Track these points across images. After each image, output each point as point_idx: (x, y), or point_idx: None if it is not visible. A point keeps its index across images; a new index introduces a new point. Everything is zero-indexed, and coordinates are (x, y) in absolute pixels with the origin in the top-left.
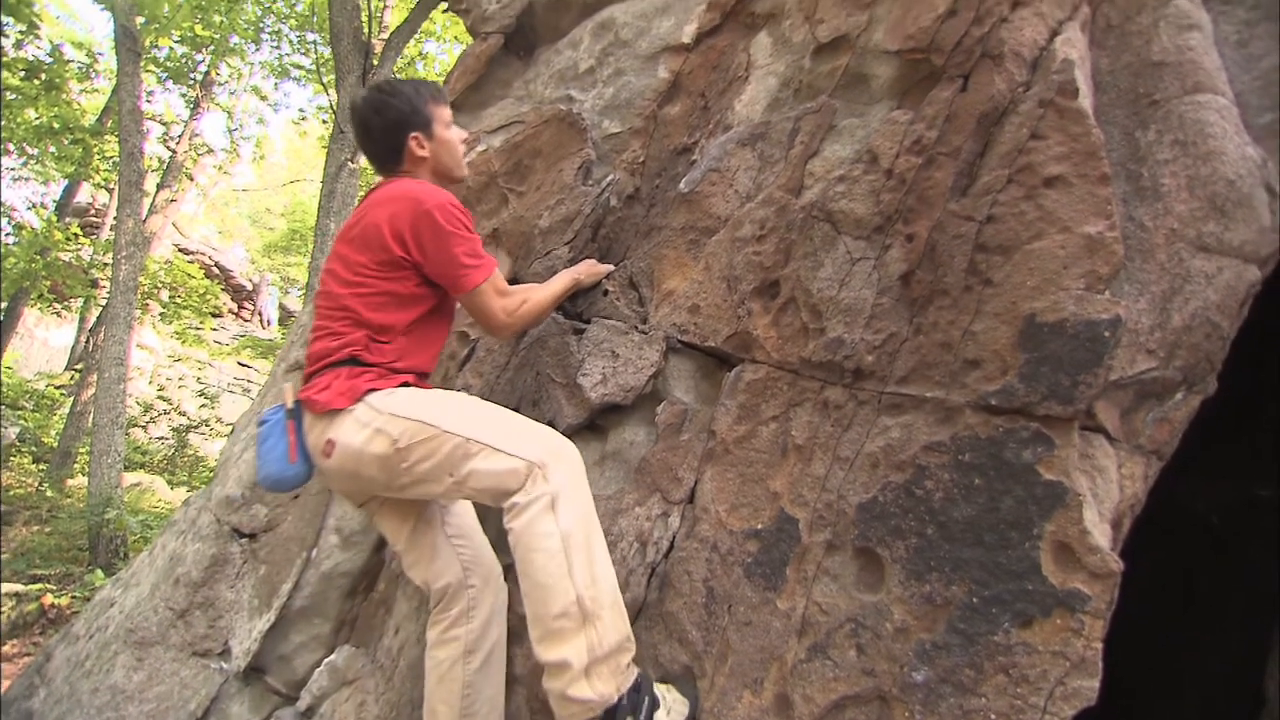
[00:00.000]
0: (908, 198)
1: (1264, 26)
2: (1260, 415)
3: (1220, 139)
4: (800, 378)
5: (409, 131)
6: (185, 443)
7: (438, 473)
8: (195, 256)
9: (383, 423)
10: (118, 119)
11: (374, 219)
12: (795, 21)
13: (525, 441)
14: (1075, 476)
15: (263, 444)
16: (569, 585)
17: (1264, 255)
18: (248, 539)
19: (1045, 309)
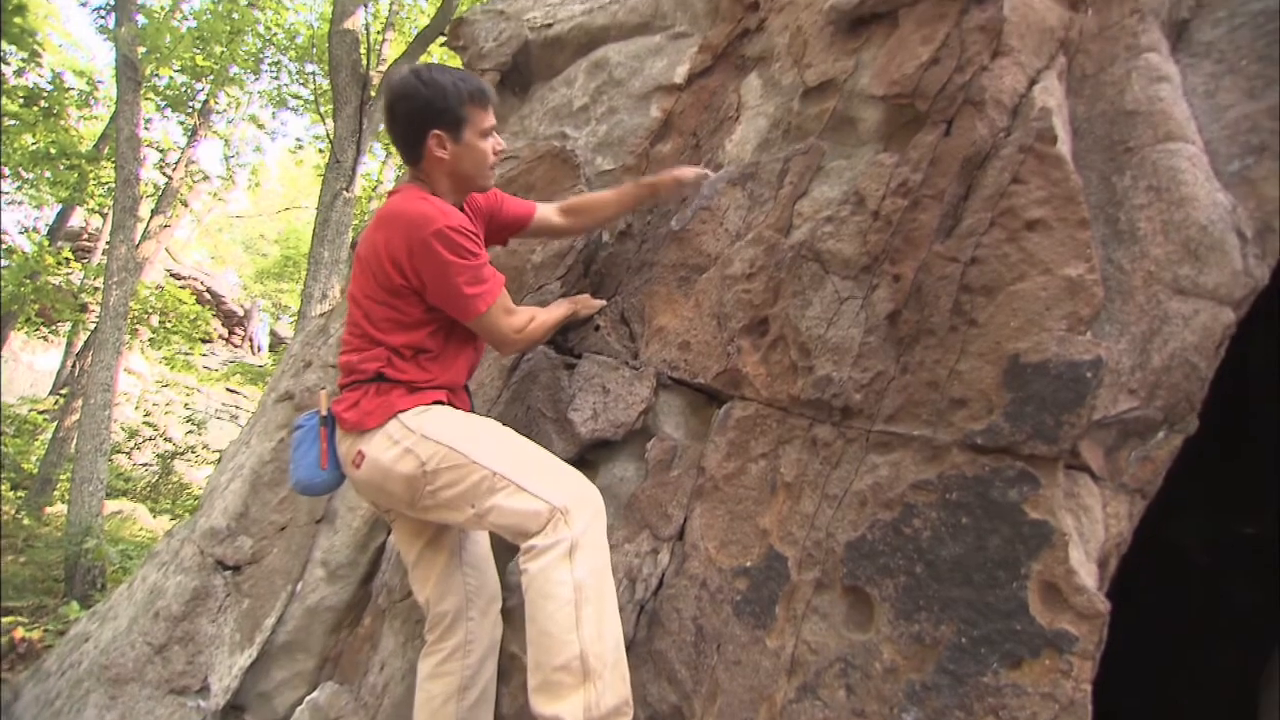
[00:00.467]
0: (894, 239)
1: (1229, 79)
2: (1242, 453)
3: (1192, 185)
4: (789, 415)
5: (431, 128)
6: (170, 470)
7: (460, 502)
8: (187, 282)
9: (413, 443)
10: (115, 145)
11: (376, 242)
12: (785, 65)
13: (552, 484)
14: (1061, 515)
15: (296, 449)
16: (575, 638)
17: (1237, 298)
18: (231, 571)
19: (1029, 349)
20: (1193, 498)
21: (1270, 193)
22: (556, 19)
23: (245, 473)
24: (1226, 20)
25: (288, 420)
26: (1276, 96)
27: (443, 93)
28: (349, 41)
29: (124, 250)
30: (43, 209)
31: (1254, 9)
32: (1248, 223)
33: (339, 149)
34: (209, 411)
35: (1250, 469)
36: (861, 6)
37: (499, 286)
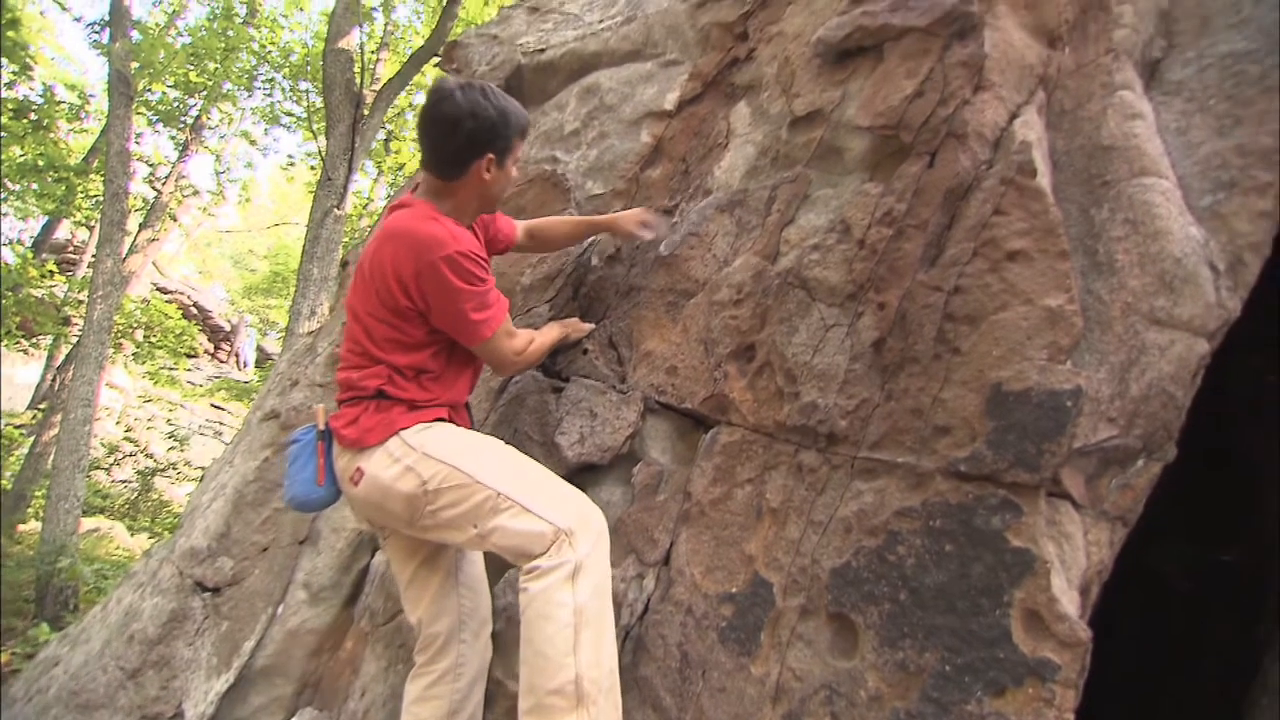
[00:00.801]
0: (879, 267)
1: (1199, 117)
2: (1220, 481)
3: (1166, 219)
4: (775, 441)
5: (488, 150)
6: (150, 486)
7: (462, 522)
8: (174, 296)
9: (414, 461)
10: (104, 159)
11: (381, 259)
12: (773, 94)
13: (556, 505)
14: (1043, 543)
15: (292, 464)
16: (571, 662)
17: (1211, 329)
18: (211, 593)
19: (1011, 378)
20: (1172, 525)
21: (1241, 227)
22: (549, 44)
23: (228, 492)
24: (1195, 61)
25: (273, 439)
26: (1244, 135)
27: (506, 119)
28: (343, 60)
29: (110, 264)
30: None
31: (1220, 51)
32: (1219, 256)
33: (331, 166)
34: (192, 427)
35: (1227, 497)
36: (848, 40)
37: (503, 311)
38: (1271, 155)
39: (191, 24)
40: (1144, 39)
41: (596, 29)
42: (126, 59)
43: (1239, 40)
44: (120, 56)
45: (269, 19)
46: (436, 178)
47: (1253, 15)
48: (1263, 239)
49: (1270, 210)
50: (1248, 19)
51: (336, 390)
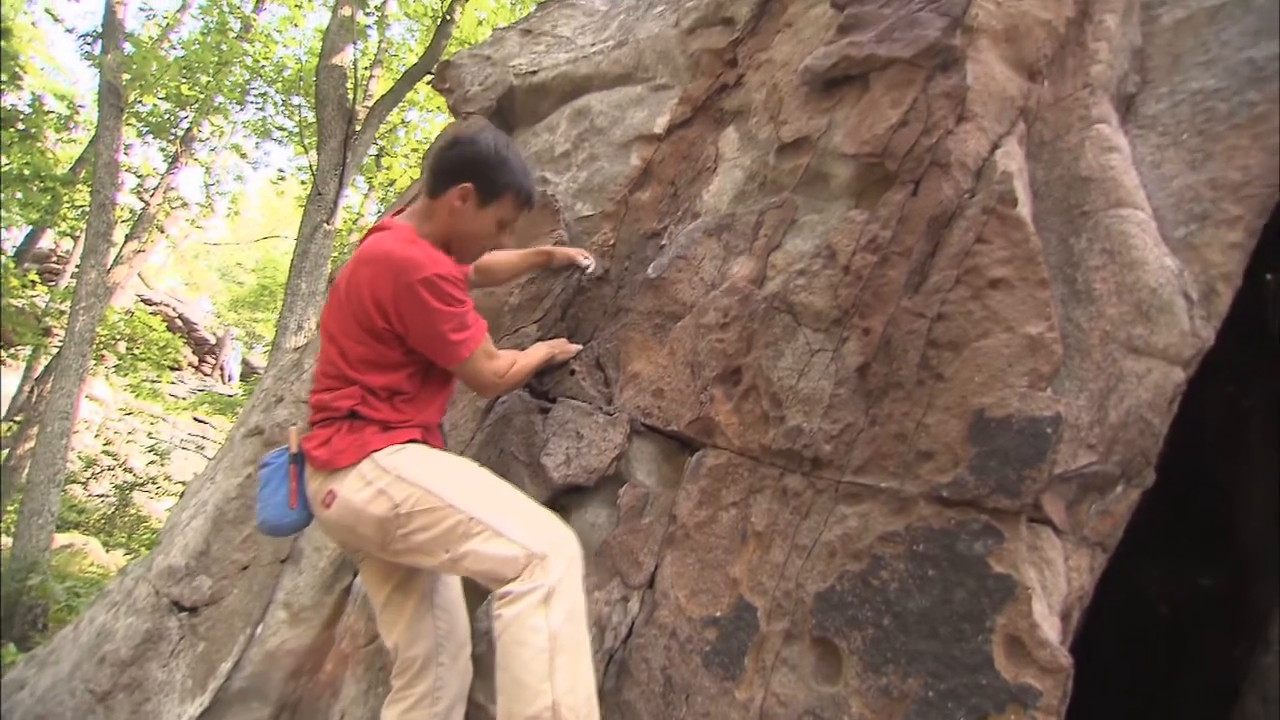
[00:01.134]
0: (864, 293)
1: (1172, 150)
2: (1199, 505)
3: (1142, 250)
4: (760, 465)
5: (470, 180)
6: (128, 501)
7: (434, 546)
8: (158, 308)
9: (387, 484)
10: (92, 169)
11: (358, 281)
12: (761, 119)
13: (530, 529)
14: (1024, 569)
15: (263, 488)
16: (548, 688)
17: (1186, 358)
18: (188, 613)
19: (993, 404)
20: (1153, 550)
21: (1213, 258)
22: (541, 66)
23: (209, 509)
24: (1168, 96)
25: (256, 456)
26: (1214, 169)
27: (503, 165)
28: (336, 76)
29: (94, 275)
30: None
31: (1191, 88)
32: (1193, 286)
33: (321, 181)
34: (174, 441)
35: (1206, 521)
36: (834, 69)
37: (482, 332)
38: (1240, 189)
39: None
40: (1119, 74)
41: (588, 52)
42: (118, 70)
43: (1208, 78)
44: (112, 68)
45: (263, 34)
46: (425, 196)
47: (1220, 55)
48: (1234, 270)
49: (1240, 242)
50: (1216, 58)
51: (310, 412)
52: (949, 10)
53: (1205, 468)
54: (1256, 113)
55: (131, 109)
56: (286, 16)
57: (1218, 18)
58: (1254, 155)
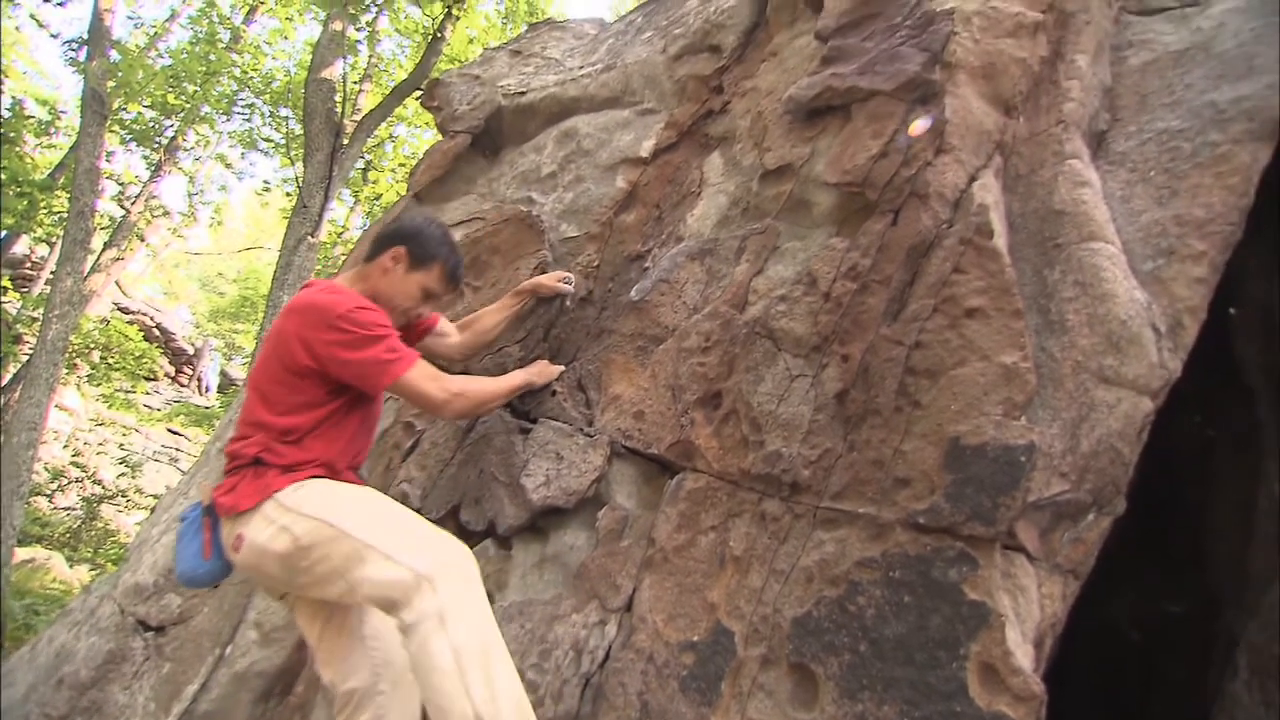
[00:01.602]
0: (843, 320)
1: (1141, 187)
2: (1169, 533)
3: (1112, 283)
4: (739, 489)
5: (403, 245)
6: (95, 514)
7: (334, 576)
8: (136, 317)
9: (289, 521)
10: (71, 175)
11: (285, 328)
12: (746, 146)
13: (417, 551)
14: (999, 596)
15: (180, 541)
16: (467, 704)
17: (1155, 388)
18: (154, 632)
19: (968, 432)
20: (1125, 578)
21: (1180, 291)
22: (530, 87)
23: None
24: (1136, 135)
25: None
26: (1180, 205)
27: (441, 240)
28: (325, 90)
29: (70, 283)
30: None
31: (1158, 127)
32: (1161, 318)
33: (307, 194)
34: (146, 453)
35: (1176, 549)
36: (818, 99)
37: (414, 357)
38: (1205, 226)
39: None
40: (1090, 112)
41: (577, 75)
42: (103, 77)
43: (1173, 119)
44: (96, 74)
45: (252, 45)
46: (362, 262)
47: (1184, 97)
48: (1199, 303)
49: (1204, 277)
50: (1180, 100)
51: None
52: (929, 46)
53: (1175, 496)
54: (1218, 153)
55: (115, 116)
56: (277, 29)
57: (1182, 61)
58: (1216, 194)
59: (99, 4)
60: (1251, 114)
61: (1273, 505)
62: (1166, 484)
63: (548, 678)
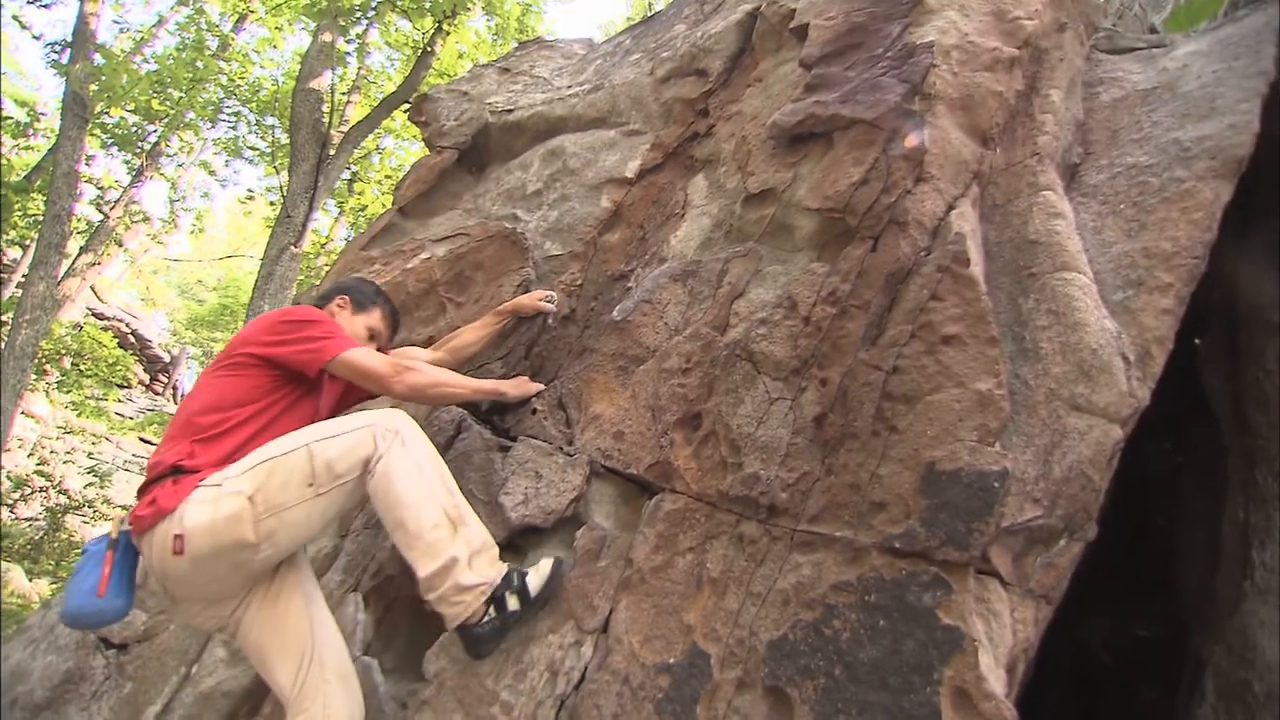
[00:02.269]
0: (823, 344)
1: (1111, 219)
2: (1140, 558)
3: (1083, 312)
4: (718, 510)
5: (341, 295)
6: (60, 525)
7: (297, 491)
8: (110, 323)
9: (226, 486)
10: (48, 178)
11: (234, 339)
12: (730, 169)
13: (355, 420)
14: (972, 621)
15: (74, 577)
16: (435, 499)
17: (1124, 416)
18: (116, 650)
19: (943, 458)
20: (1097, 602)
21: (1148, 322)
22: (518, 105)
23: None
24: (1107, 168)
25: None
26: (1148, 238)
27: (371, 291)
28: (313, 100)
29: (43, 287)
30: None
31: (1127, 161)
32: (1130, 348)
33: (291, 204)
34: (116, 463)
35: (1147, 573)
36: (801, 125)
37: (355, 342)
38: (1171, 259)
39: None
40: (1064, 145)
41: (564, 94)
42: (86, 81)
43: (1141, 154)
44: (79, 78)
45: (241, 53)
46: None
47: (1151, 134)
48: (1166, 334)
49: (1171, 308)
50: (1148, 136)
51: None
52: (909, 77)
53: (1146, 522)
54: (1183, 189)
55: (97, 120)
56: (266, 38)
57: (1149, 100)
58: (1182, 228)
59: (84, 7)
60: (1213, 153)
61: (1237, 531)
62: (1137, 509)
63: (522, 699)
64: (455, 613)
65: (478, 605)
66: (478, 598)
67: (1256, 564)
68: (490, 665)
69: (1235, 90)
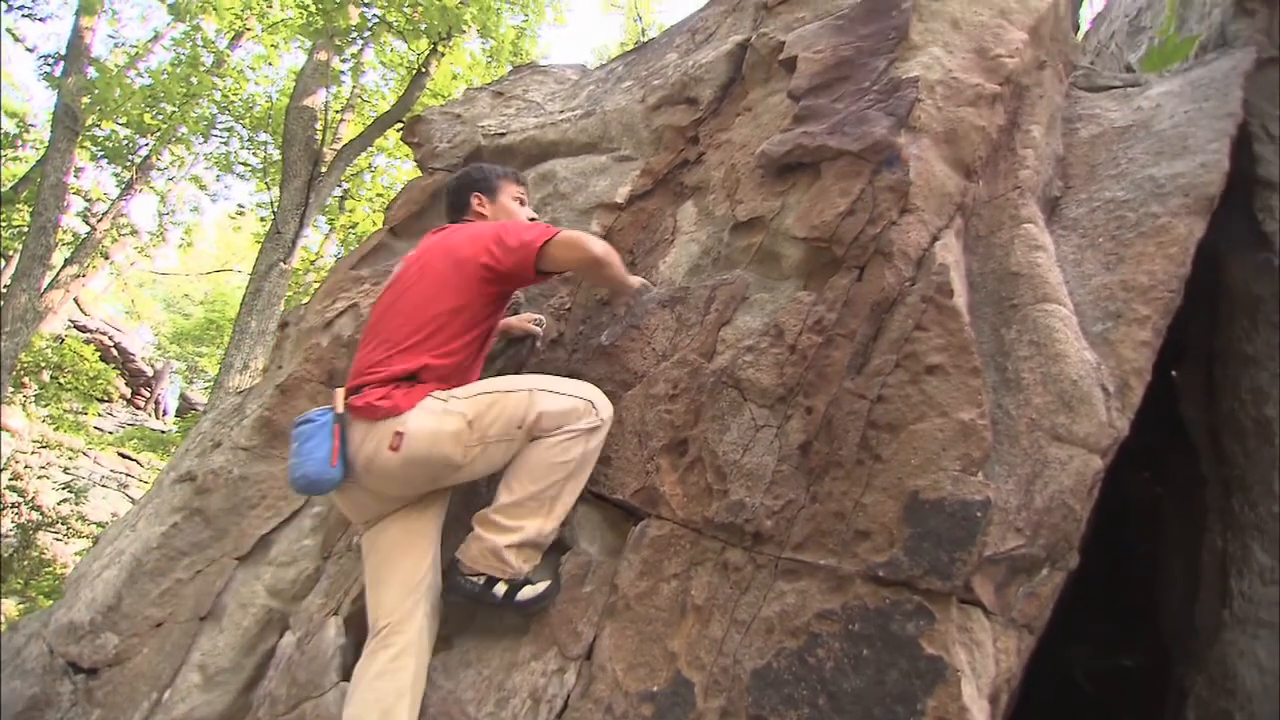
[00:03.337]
0: (808, 373)
1: (1090, 252)
2: (1122, 587)
3: (1064, 343)
4: (703, 537)
5: (473, 190)
6: (31, 542)
7: (509, 428)
8: (93, 336)
9: (451, 405)
10: (35, 189)
11: (445, 247)
12: (719, 197)
13: (575, 385)
14: (955, 651)
15: (305, 442)
16: (556, 484)
17: (1104, 447)
18: (85, 675)
19: (927, 487)
20: (1079, 632)
21: (1126, 354)
22: (510, 129)
23: (125, 559)
24: (1086, 202)
25: (185, 503)
26: (1126, 271)
27: (482, 170)
28: (306, 117)
29: (25, 299)
30: None
31: (1105, 196)
32: (1110, 379)
33: (282, 220)
34: (94, 478)
35: (1128, 604)
36: (789, 155)
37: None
38: (1149, 292)
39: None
40: (1045, 179)
41: (556, 119)
42: (78, 94)
43: (1119, 189)
44: (71, 90)
45: (235, 70)
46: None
47: (1128, 170)
48: (1144, 365)
49: (1149, 340)
50: (1125, 172)
51: (352, 376)
52: (895, 111)
53: (1127, 551)
54: (1159, 224)
55: (88, 132)
56: (261, 55)
57: (1125, 137)
58: (1158, 262)
59: (79, 21)
60: (1186, 190)
61: (1215, 560)
62: (1119, 539)
63: None
64: (476, 562)
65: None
66: (500, 571)
67: (1235, 593)
68: (472, 692)
69: (1206, 130)
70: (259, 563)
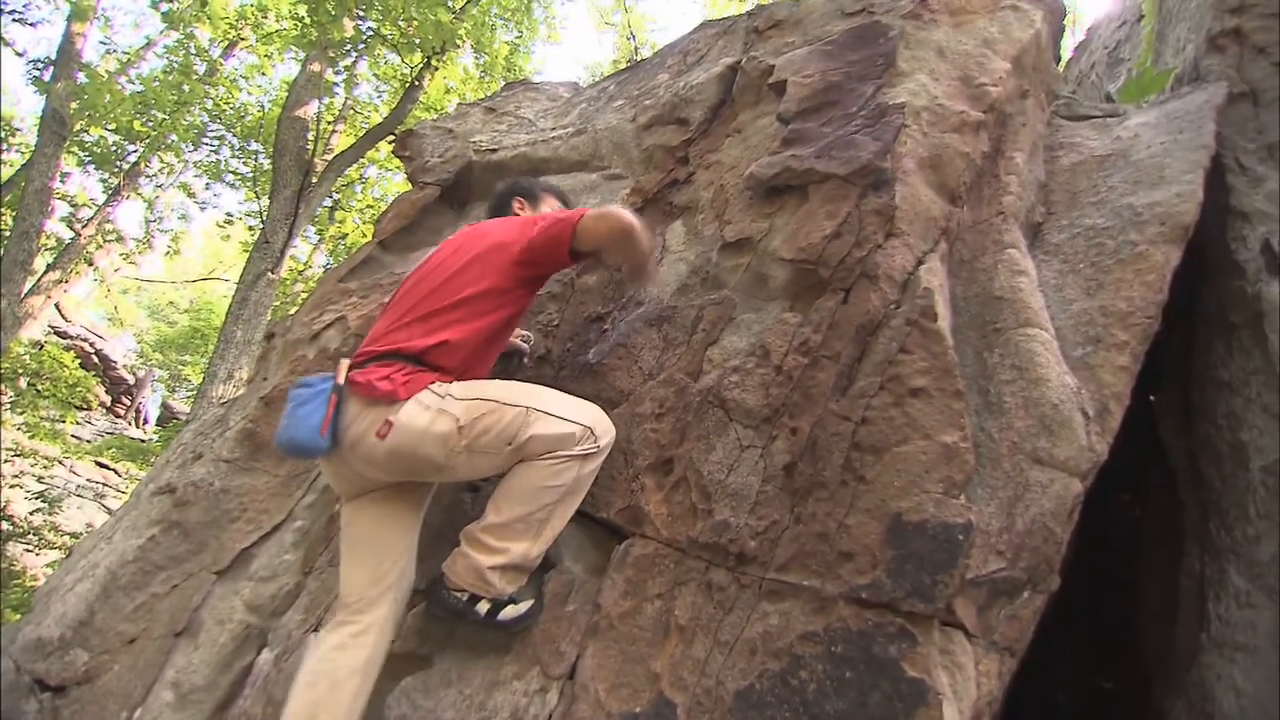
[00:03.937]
0: (794, 394)
1: (1071, 277)
2: (1103, 610)
3: (1045, 368)
4: (687, 557)
5: (516, 195)
6: (0, 554)
7: (497, 443)
8: (74, 343)
9: (446, 405)
10: (19, 194)
11: (478, 234)
12: (707, 217)
13: (577, 410)
14: (936, 674)
15: (300, 406)
16: (546, 507)
17: (1084, 470)
18: (52, 693)
19: (910, 509)
20: (1061, 654)
21: (1106, 378)
22: (501, 145)
23: (99, 573)
24: (1067, 229)
25: (164, 516)
26: (1105, 297)
27: (528, 181)
28: (298, 128)
29: (4, 304)
30: None
31: (1086, 223)
32: (1090, 403)
33: (271, 230)
34: (69, 488)
35: (1109, 627)
36: (777, 178)
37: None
38: (1127, 318)
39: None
40: (1027, 205)
41: (548, 136)
42: (67, 99)
43: (1098, 217)
44: (60, 96)
45: (228, 79)
46: None
47: (1107, 198)
48: (1123, 390)
49: (1128, 365)
50: (1104, 200)
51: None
52: (881, 136)
53: (1108, 574)
54: (1137, 252)
55: (75, 138)
56: (254, 65)
57: (1105, 165)
58: (1136, 288)
59: (71, 26)
60: (1163, 218)
61: (1193, 583)
62: (1100, 561)
63: None
64: (460, 578)
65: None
66: (482, 590)
67: (1212, 617)
68: (453, 712)
69: (1181, 161)
70: (238, 578)
